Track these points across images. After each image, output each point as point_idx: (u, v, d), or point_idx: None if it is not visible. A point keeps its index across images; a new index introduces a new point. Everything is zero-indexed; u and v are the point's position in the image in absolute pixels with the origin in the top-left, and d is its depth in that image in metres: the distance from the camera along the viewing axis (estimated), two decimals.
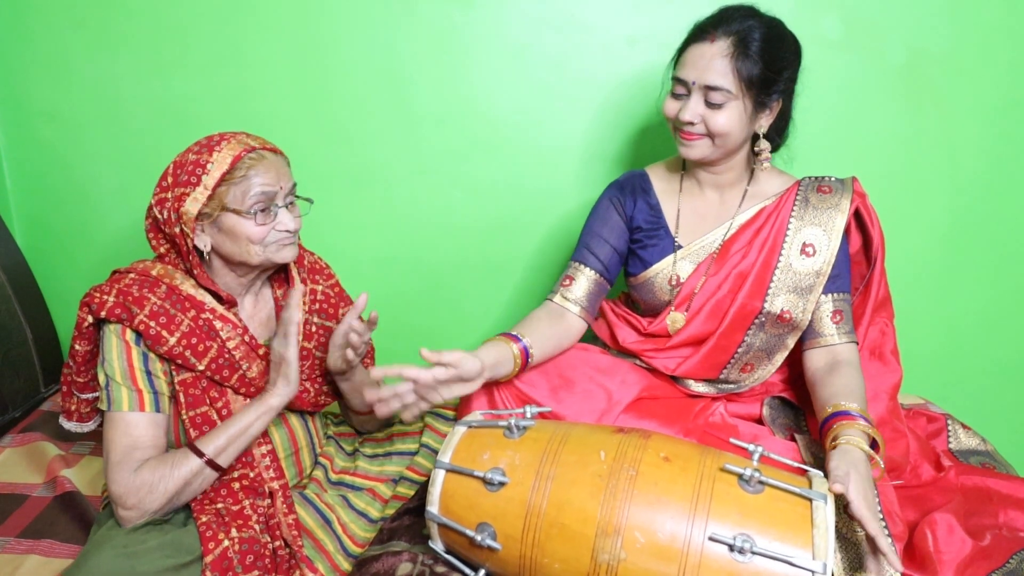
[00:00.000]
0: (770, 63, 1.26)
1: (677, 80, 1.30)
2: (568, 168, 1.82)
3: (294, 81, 1.77)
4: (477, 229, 1.88)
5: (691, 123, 1.28)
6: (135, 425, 1.16)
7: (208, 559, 1.11)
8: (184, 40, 1.75)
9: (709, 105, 1.26)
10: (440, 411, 1.50)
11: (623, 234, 1.45)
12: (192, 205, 1.15)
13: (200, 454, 1.17)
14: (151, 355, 1.18)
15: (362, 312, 1.27)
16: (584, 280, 1.42)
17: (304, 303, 1.34)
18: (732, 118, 1.26)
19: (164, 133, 1.81)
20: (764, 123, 1.32)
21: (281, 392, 1.21)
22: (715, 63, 1.24)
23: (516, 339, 1.30)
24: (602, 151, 1.81)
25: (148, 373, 1.18)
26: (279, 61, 1.76)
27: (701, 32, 1.28)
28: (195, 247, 1.19)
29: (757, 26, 1.26)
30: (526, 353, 1.30)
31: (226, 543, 1.13)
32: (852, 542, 1.15)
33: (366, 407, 1.41)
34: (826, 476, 1.09)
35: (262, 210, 1.18)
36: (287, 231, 1.22)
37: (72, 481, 1.38)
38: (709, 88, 1.25)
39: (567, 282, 1.43)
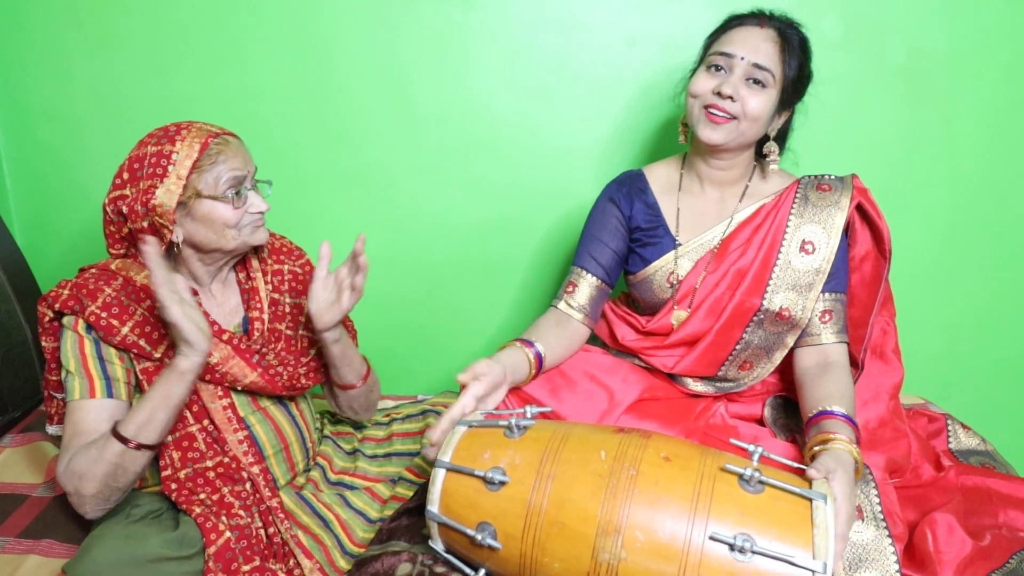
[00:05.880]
0: (803, 67, 1.32)
1: (721, 55, 1.31)
2: (568, 168, 1.82)
3: (294, 81, 1.77)
4: (478, 229, 1.88)
5: (730, 98, 1.29)
6: (83, 410, 1.16)
7: (211, 550, 1.11)
8: (184, 40, 1.75)
9: (751, 84, 1.29)
10: (443, 412, 1.50)
11: (623, 236, 1.45)
12: (168, 197, 1.16)
13: (121, 437, 1.11)
14: (104, 344, 1.19)
15: (329, 262, 1.26)
16: (586, 287, 1.43)
17: (270, 283, 1.36)
18: (766, 104, 1.30)
19: None
20: (776, 125, 1.36)
21: (185, 352, 1.12)
22: (765, 45, 1.29)
23: (529, 344, 1.32)
24: (602, 151, 1.81)
25: (100, 359, 1.18)
26: (279, 61, 1.76)
27: (750, 16, 1.33)
28: (170, 240, 1.19)
29: (796, 32, 1.33)
30: (539, 358, 1.32)
31: (228, 535, 1.13)
32: (852, 542, 1.15)
33: (358, 379, 1.38)
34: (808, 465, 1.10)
35: (235, 194, 1.21)
36: (259, 212, 1.25)
37: None
38: (757, 67, 1.28)
39: (571, 289, 1.44)
